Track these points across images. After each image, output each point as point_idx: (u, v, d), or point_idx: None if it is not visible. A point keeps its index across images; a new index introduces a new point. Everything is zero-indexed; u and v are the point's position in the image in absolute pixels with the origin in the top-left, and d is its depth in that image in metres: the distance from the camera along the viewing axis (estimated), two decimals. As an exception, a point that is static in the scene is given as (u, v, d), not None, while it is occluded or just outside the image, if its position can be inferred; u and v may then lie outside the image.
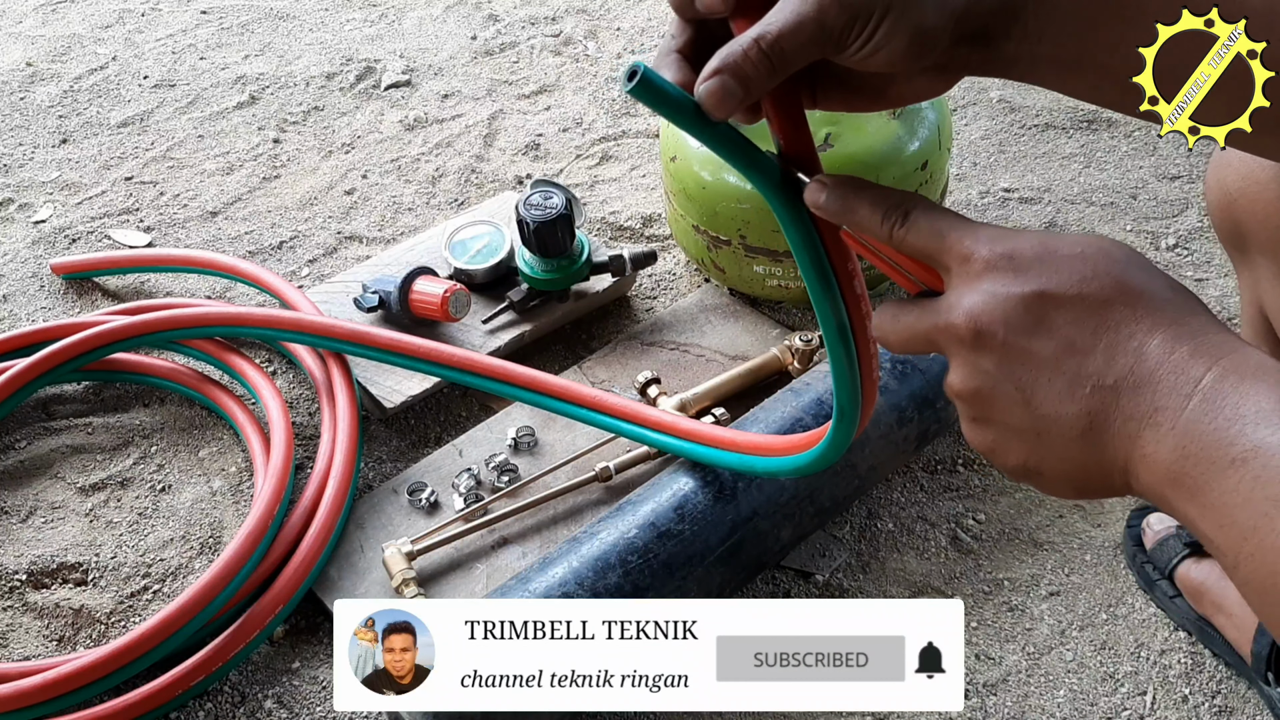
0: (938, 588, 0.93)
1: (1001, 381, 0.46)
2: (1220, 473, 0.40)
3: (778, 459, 0.78)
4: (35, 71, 1.77)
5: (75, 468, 1.10)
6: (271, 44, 1.81)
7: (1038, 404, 0.45)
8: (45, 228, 1.42)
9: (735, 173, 1.09)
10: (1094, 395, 0.43)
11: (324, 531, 0.95)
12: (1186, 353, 0.42)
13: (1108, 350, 0.44)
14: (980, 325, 0.45)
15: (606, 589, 0.82)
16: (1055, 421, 0.44)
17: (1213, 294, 1.18)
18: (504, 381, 1.00)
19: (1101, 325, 0.44)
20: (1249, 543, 0.39)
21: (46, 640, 0.95)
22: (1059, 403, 0.44)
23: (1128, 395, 0.43)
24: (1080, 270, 0.45)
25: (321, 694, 0.90)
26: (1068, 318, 0.44)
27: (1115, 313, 0.44)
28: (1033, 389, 0.45)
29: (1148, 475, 0.43)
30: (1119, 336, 0.43)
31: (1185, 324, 0.43)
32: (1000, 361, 0.45)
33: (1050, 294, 0.44)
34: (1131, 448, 0.43)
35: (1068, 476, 0.46)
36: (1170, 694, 0.86)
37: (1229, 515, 0.40)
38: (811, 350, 1.07)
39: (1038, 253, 0.45)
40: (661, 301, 1.24)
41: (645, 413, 0.93)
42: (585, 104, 1.59)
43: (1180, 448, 0.41)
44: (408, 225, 1.39)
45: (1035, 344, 0.45)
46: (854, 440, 0.64)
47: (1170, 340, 0.43)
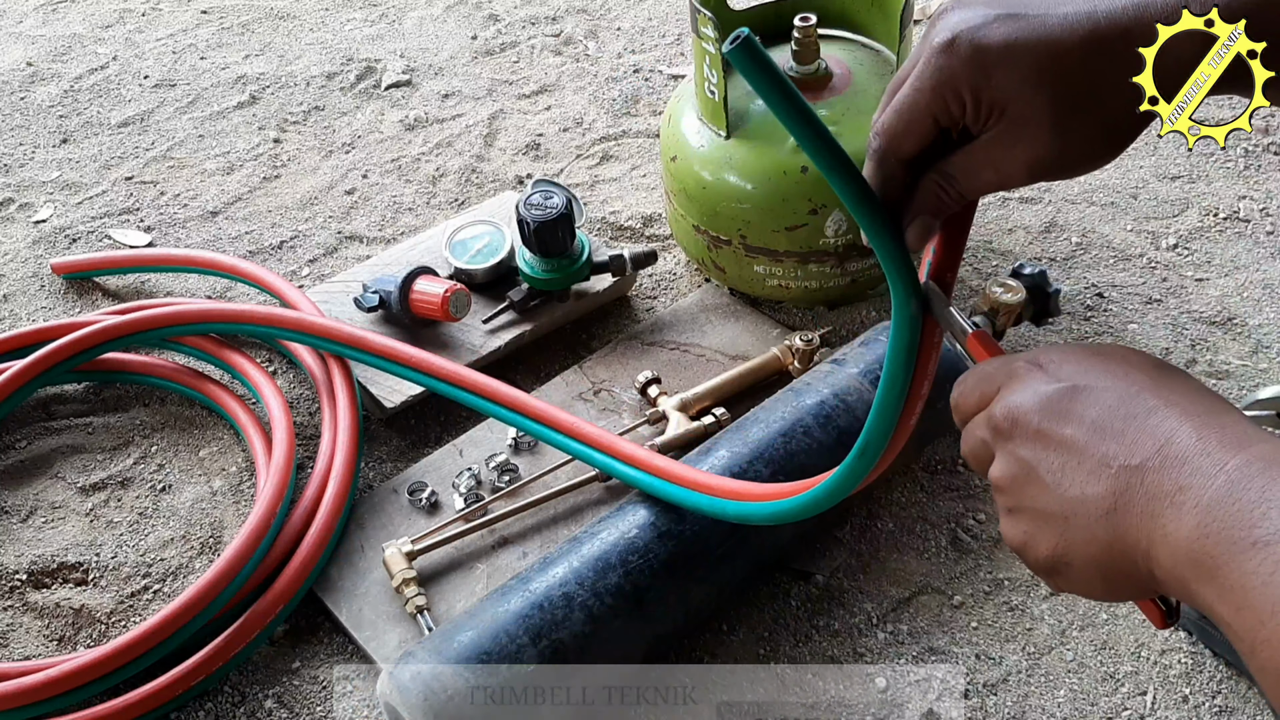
0: (938, 588, 0.93)
1: (1033, 468, 0.47)
2: (1241, 553, 0.40)
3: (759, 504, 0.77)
4: (35, 71, 1.77)
5: (75, 468, 1.10)
6: (272, 44, 1.81)
7: (1065, 487, 0.46)
8: (45, 227, 1.42)
9: (735, 173, 1.09)
10: (1119, 476, 0.44)
11: (325, 531, 0.95)
12: (1215, 439, 0.43)
13: (1136, 434, 0.44)
14: (1015, 415, 0.48)
15: (607, 589, 0.82)
16: (1082, 503, 0.45)
17: (1213, 294, 1.18)
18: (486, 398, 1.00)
19: (1131, 413, 0.45)
20: (1266, 627, 0.39)
21: (46, 640, 0.95)
22: (1085, 484, 0.45)
23: (1153, 475, 0.43)
24: (1111, 368, 0.47)
25: (321, 694, 0.90)
26: (1098, 406, 0.46)
27: (1145, 402, 0.45)
28: (1061, 472, 0.46)
29: (1168, 555, 0.42)
30: (1148, 423, 0.44)
31: (1215, 416, 0.44)
32: (1033, 448, 0.47)
33: (1082, 387, 0.47)
34: (1153, 526, 0.43)
35: (1094, 562, 0.46)
36: (1170, 694, 0.86)
37: (1247, 598, 0.39)
38: (812, 350, 1.07)
39: (1072, 357, 0.49)
40: (662, 301, 1.24)
41: (620, 446, 0.91)
42: (585, 104, 1.59)
43: (1201, 526, 0.41)
44: (408, 225, 1.39)
45: (1066, 430, 0.46)
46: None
47: (1199, 428, 0.43)
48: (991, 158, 0.51)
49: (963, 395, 0.54)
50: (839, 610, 0.92)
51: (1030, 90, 0.48)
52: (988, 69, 0.48)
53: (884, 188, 0.54)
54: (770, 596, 0.94)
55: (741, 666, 0.89)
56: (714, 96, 1.08)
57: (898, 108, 0.52)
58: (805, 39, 1.09)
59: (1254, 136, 1.38)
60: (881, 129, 0.53)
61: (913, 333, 0.55)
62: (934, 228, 0.54)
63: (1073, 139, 0.50)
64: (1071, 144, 0.50)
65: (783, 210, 1.08)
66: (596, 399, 1.10)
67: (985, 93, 0.49)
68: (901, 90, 0.52)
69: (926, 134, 0.52)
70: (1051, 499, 0.47)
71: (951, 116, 0.51)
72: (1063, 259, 1.24)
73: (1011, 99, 0.48)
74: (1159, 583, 0.44)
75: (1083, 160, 0.52)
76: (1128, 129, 0.51)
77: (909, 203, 0.54)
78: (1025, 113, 0.49)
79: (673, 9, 1.80)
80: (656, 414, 1.05)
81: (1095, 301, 1.19)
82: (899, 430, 0.59)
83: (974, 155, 0.51)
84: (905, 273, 0.54)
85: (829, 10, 1.17)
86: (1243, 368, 1.10)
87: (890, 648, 0.90)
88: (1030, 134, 0.49)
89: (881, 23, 1.16)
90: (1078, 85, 0.48)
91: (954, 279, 0.57)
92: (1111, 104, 0.49)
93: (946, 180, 0.53)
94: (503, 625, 0.79)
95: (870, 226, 0.52)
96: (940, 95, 0.50)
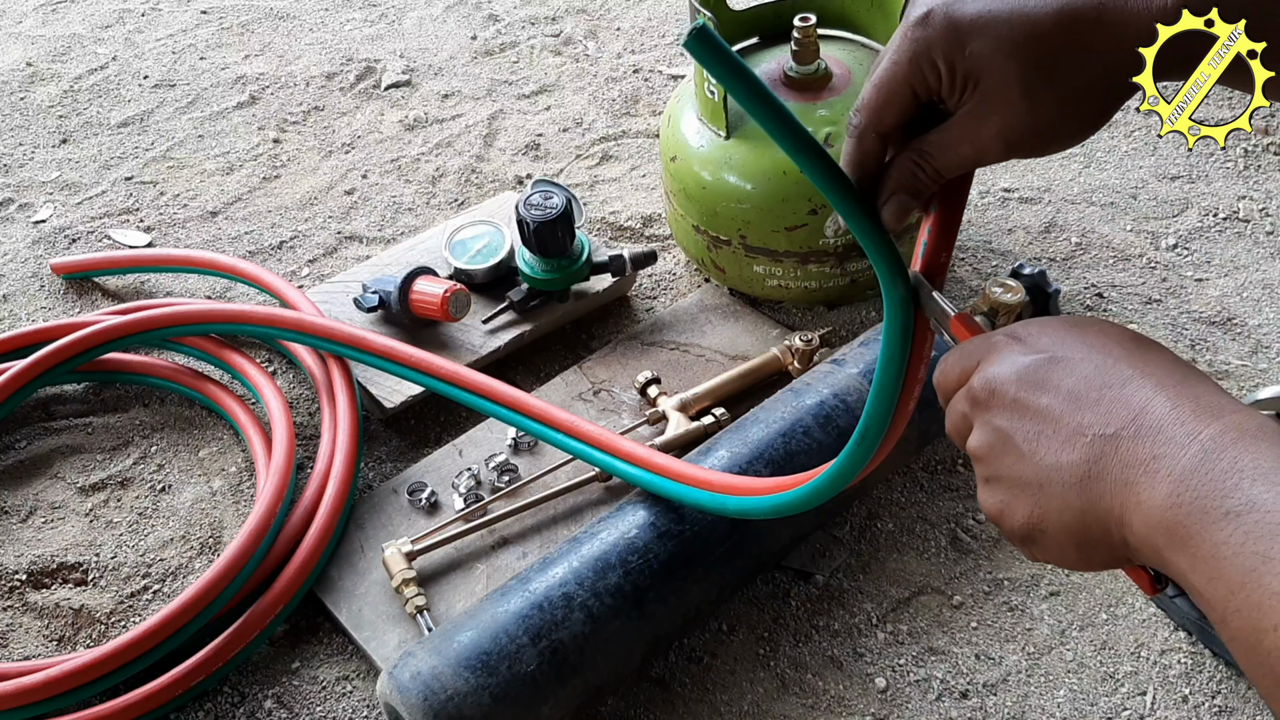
0: (938, 588, 0.93)
1: (1009, 437, 0.48)
2: (1213, 523, 0.40)
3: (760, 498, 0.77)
4: (35, 71, 1.77)
5: (75, 468, 1.10)
6: (271, 44, 1.81)
7: (1040, 455, 0.46)
8: (45, 228, 1.42)
9: (735, 173, 1.09)
10: (1094, 444, 0.44)
11: (324, 531, 0.95)
12: (1189, 409, 0.43)
13: (1111, 403, 0.45)
14: (993, 385, 0.49)
15: (607, 589, 0.82)
16: (1056, 470, 0.45)
17: (1213, 294, 1.18)
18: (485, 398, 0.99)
19: (1106, 382, 0.45)
20: (1236, 597, 0.39)
21: (46, 640, 0.95)
22: (1060, 451, 0.45)
23: (1127, 444, 0.43)
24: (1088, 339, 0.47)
25: (321, 694, 0.90)
26: (1074, 375, 0.46)
27: (1121, 372, 0.45)
28: (1036, 440, 0.46)
29: (1140, 523, 0.43)
30: (1124, 392, 0.45)
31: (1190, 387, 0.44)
32: (1009, 417, 0.48)
33: (1058, 358, 0.47)
34: (1127, 494, 0.43)
35: (1068, 530, 0.46)
36: (1170, 694, 0.86)
37: (1219, 568, 0.40)
38: (812, 350, 1.07)
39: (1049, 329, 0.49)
40: (661, 301, 1.24)
41: (619, 444, 0.91)
42: (585, 104, 1.59)
43: (1174, 495, 0.41)
44: (408, 225, 1.39)
45: (1042, 399, 0.47)
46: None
47: (1174, 398, 0.44)
48: (966, 131, 0.51)
49: (944, 373, 0.54)
50: (839, 610, 0.92)
51: (1003, 58, 0.49)
52: (962, 39, 0.49)
53: (862, 163, 0.54)
54: (770, 596, 0.94)
55: (741, 666, 0.89)
56: (713, 97, 1.08)
57: (876, 82, 0.53)
58: (805, 39, 1.09)
59: (1254, 136, 1.38)
60: (861, 105, 0.54)
61: (905, 314, 0.55)
62: (910, 206, 0.54)
63: (1045, 109, 0.50)
64: (1044, 114, 0.50)
65: (783, 210, 1.08)
66: (596, 399, 1.10)
67: (959, 62, 0.50)
68: (879, 65, 0.53)
69: (905, 106, 0.53)
70: (1027, 467, 0.47)
71: (928, 87, 0.52)
72: (1062, 259, 1.24)
73: (985, 68, 0.49)
74: (1132, 550, 0.44)
75: (1056, 133, 0.52)
76: (1102, 103, 0.51)
77: (885, 183, 0.54)
78: (998, 81, 0.49)
79: (673, 9, 1.80)
80: (656, 414, 1.05)
81: (1095, 301, 1.19)
82: (898, 414, 0.59)
83: (949, 130, 0.52)
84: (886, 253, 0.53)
85: (829, 10, 1.17)
86: (1242, 368, 1.10)
87: (890, 648, 0.90)
88: (1003, 102, 0.50)
89: (881, 23, 1.16)
90: (1050, 55, 0.49)
91: (947, 262, 0.57)
92: (1085, 76, 0.50)
93: (921, 157, 0.53)
94: (502, 625, 0.79)
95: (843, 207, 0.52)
96: (917, 65, 0.51)
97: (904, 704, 0.86)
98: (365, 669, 0.91)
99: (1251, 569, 0.38)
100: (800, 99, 1.10)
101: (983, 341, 0.52)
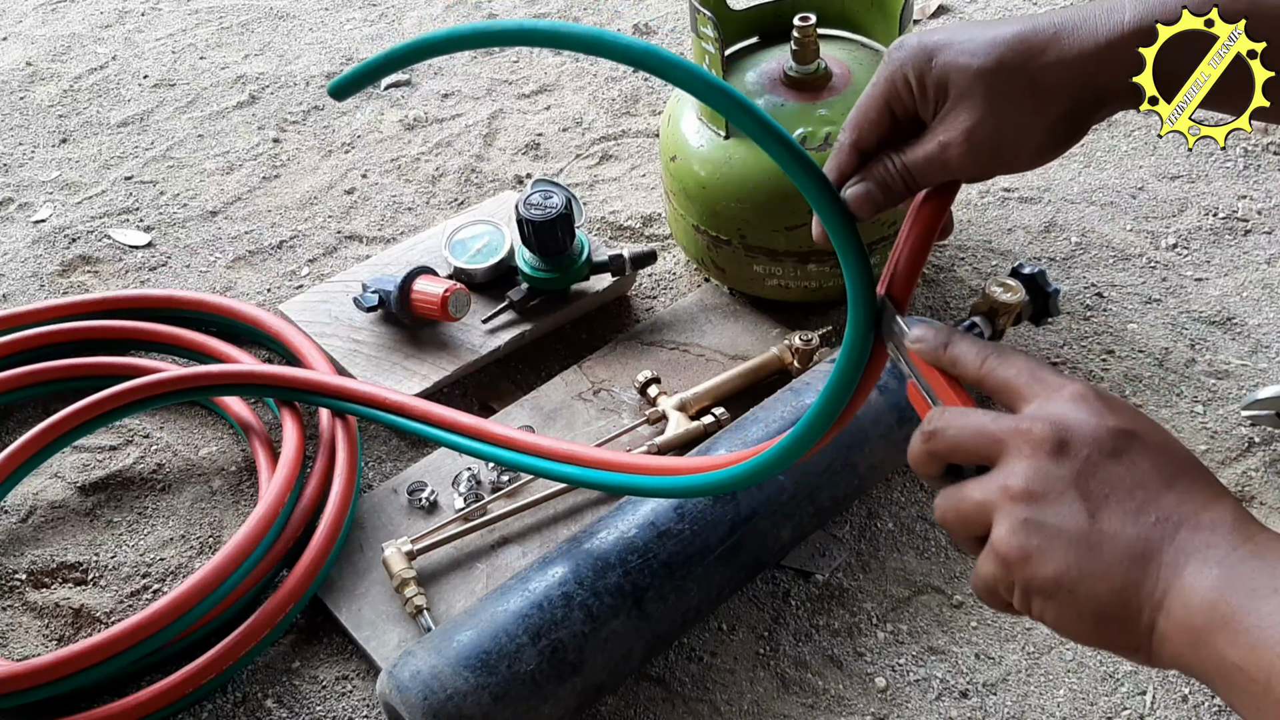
0: (938, 587, 0.94)
1: (1070, 489, 0.47)
2: (1263, 599, 0.41)
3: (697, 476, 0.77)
4: (35, 71, 1.77)
5: (75, 467, 1.10)
6: (271, 43, 1.81)
7: (1102, 518, 0.46)
8: (45, 227, 1.42)
9: (735, 172, 1.09)
10: (1156, 526, 0.45)
11: (331, 532, 0.95)
12: (1246, 517, 0.45)
13: (1180, 495, 0.46)
14: (1066, 436, 0.48)
15: (606, 589, 0.82)
16: (1113, 539, 0.45)
17: (1212, 294, 1.18)
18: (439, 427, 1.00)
19: (1176, 479, 0.46)
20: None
21: (46, 640, 0.95)
22: (1122, 523, 0.46)
23: (1186, 533, 0.45)
24: (1167, 435, 0.49)
25: (321, 693, 0.90)
26: (1149, 460, 0.47)
27: (1191, 477, 0.47)
28: (1102, 503, 0.46)
29: (1181, 606, 0.44)
30: (1192, 491, 0.46)
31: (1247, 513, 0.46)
32: (1076, 473, 0.47)
33: (1139, 435, 0.48)
34: (1173, 576, 0.44)
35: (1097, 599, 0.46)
36: (1170, 694, 0.86)
37: (1265, 636, 0.41)
38: (811, 350, 1.07)
39: (1129, 407, 0.49)
40: (661, 301, 1.24)
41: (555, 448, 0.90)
42: (585, 104, 1.59)
43: (1223, 577, 0.43)
44: (408, 225, 1.39)
45: (1115, 468, 0.47)
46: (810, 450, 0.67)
47: (1235, 510, 0.46)
48: (935, 131, 0.56)
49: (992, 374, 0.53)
50: (839, 609, 0.92)
51: (967, 66, 0.54)
52: (930, 54, 0.56)
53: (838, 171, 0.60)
54: (770, 595, 0.94)
55: (741, 665, 0.89)
56: (714, 96, 1.08)
57: (858, 104, 0.60)
58: (805, 39, 1.09)
59: (1254, 136, 1.38)
60: (846, 124, 0.60)
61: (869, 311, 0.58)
62: (876, 197, 0.58)
63: (1008, 115, 0.54)
64: (1007, 120, 0.54)
65: (782, 210, 1.08)
66: (596, 399, 1.10)
67: (928, 75, 0.55)
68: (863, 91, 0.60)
69: (882, 121, 0.58)
70: (1081, 524, 0.46)
71: (902, 101, 0.57)
72: (1062, 259, 1.24)
73: (951, 78, 0.55)
74: (1157, 637, 0.45)
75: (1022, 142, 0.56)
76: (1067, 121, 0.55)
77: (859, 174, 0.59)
78: (964, 88, 0.54)
79: (674, 9, 1.80)
80: (656, 414, 1.05)
81: (1095, 301, 1.19)
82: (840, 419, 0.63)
83: (922, 139, 0.57)
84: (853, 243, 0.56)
85: (829, 10, 1.17)
86: (1242, 368, 1.10)
87: (890, 647, 0.90)
88: (969, 105, 0.54)
89: (881, 23, 1.16)
90: (1011, 66, 0.54)
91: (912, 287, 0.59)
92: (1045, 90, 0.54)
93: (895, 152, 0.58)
94: (502, 625, 0.79)
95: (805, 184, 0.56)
96: (891, 83, 0.57)
97: (904, 703, 0.86)
98: (365, 668, 0.91)
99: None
100: (800, 99, 1.10)
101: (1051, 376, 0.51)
